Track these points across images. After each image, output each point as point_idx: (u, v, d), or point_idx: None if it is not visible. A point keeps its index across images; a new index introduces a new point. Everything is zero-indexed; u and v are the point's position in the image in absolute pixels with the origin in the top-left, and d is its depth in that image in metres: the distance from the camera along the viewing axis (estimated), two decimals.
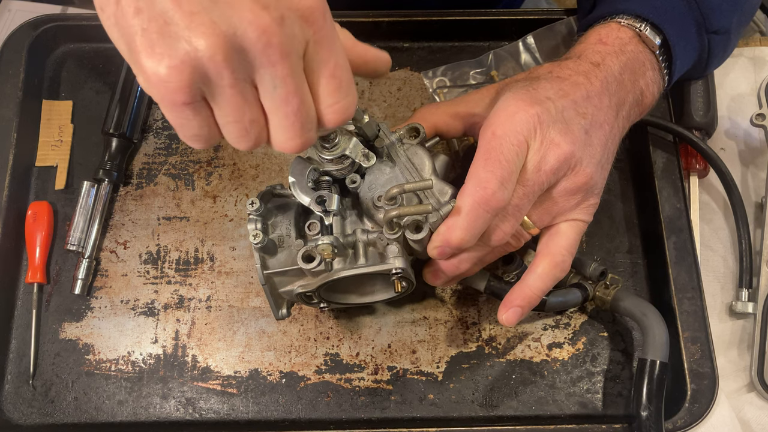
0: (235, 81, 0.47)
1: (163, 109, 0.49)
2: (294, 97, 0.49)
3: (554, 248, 0.69)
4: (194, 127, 0.50)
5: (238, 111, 0.49)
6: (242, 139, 0.51)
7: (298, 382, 0.78)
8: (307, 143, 0.52)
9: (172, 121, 0.50)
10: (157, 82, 0.46)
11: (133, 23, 0.46)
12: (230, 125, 0.50)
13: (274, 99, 0.49)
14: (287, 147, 0.51)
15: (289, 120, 0.50)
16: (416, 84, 0.90)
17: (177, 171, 0.86)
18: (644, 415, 0.70)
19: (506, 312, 0.69)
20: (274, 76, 0.47)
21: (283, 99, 0.48)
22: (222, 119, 0.50)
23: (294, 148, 0.51)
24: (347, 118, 0.53)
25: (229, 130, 0.50)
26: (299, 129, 0.50)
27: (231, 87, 0.47)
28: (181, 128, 0.50)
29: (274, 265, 0.68)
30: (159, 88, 0.46)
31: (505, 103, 0.65)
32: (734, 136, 0.89)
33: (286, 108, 0.49)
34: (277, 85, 0.48)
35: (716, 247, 0.84)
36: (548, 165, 0.64)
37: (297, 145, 0.51)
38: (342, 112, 0.52)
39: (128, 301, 0.81)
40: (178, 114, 0.49)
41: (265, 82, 0.48)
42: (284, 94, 0.48)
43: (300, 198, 0.66)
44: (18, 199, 0.83)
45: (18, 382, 0.78)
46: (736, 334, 0.81)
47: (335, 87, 0.51)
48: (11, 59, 0.87)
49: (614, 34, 0.72)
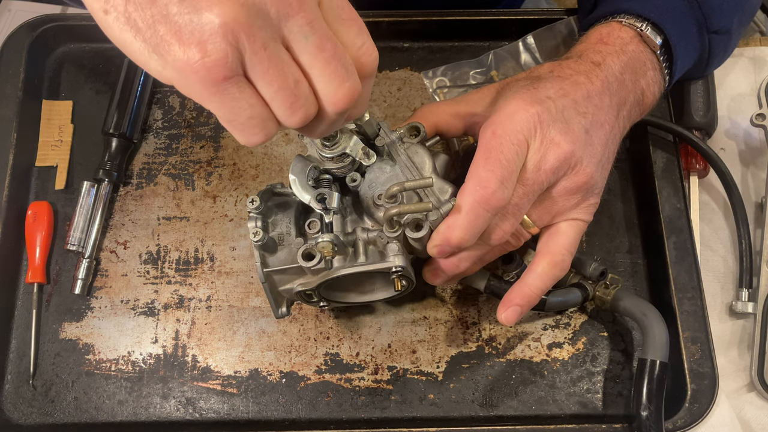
0: (266, 41, 0.45)
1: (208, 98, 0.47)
2: (327, 41, 0.47)
3: (554, 247, 0.69)
4: (246, 108, 0.48)
5: (279, 73, 0.47)
6: (294, 107, 0.48)
7: (298, 382, 0.78)
8: (356, 90, 0.50)
9: (221, 106, 0.48)
10: (193, 64, 0.44)
11: (152, 12, 0.45)
12: (277, 94, 0.48)
13: (309, 49, 0.47)
14: (340, 96, 0.49)
15: (331, 65, 0.48)
16: (416, 84, 0.90)
17: (177, 171, 0.86)
18: (644, 415, 0.70)
19: (505, 311, 0.69)
20: (301, 25, 0.46)
21: (317, 46, 0.47)
22: (267, 90, 0.48)
23: (346, 94, 0.49)
24: (377, 60, 0.52)
25: (278, 101, 0.48)
26: (344, 72, 0.49)
27: (264, 48, 0.45)
28: (233, 114, 0.48)
29: (274, 263, 0.68)
30: (198, 70, 0.45)
31: (505, 103, 0.65)
32: (734, 136, 0.89)
33: (324, 53, 0.48)
34: (307, 33, 0.47)
35: (716, 247, 0.84)
36: (548, 164, 0.64)
37: (348, 90, 0.49)
38: (373, 51, 0.51)
39: (128, 301, 0.81)
40: (223, 96, 0.47)
41: (295, 33, 0.47)
42: (317, 40, 0.47)
43: (300, 196, 0.66)
44: (18, 199, 0.83)
45: (18, 382, 0.78)
46: (736, 334, 0.81)
47: (358, 28, 0.50)
48: (11, 59, 0.87)
49: (615, 33, 0.72)
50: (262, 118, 0.49)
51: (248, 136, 0.50)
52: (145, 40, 0.46)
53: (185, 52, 0.44)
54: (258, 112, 0.48)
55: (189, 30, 0.44)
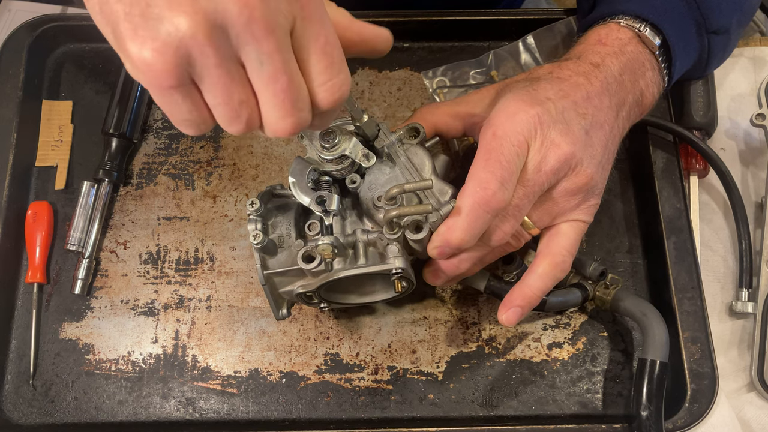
0: (220, 60, 0.46)
1: (153, 95, 0.48)
2: (282, 74, 0.47)
3: (554, 248, 0.69)
4: (184, 112, 0.49)
5: (225, 91, 0.47)
6: (233, 122, 0.49)
7: (298, 382, 0.78)
8: (300, 124, 0.50)
9: (162, 105, 0.49)
10: (143, 66, 0.45)
11: (116, 8, 0.45)
12: (220, 107, 0.49)
13: (261, 77, 0.47)
14: (279, 128, 0.50)
15: (279, 98, 0.48)
16: (416, 84, 0.90)
17: (177, 171, 0.86)
18: (644, 415, 0.70)
19: (506, 312, 0.69)
20: (260, 52, 0.46)
21: (270, 76, 0.47)
22: (211, 101, 0.49)
23: (286, 128, 0.50)
24: (341, 97, 0.51)
25: (219, 112, 0.49)
26: (290, 107, 0.49)
27: (216, 66, 0.46)
28: (171, 113, 0.49)
29: (274, 265, 0.68)
30: (145, 73, 0.46)
31: (505, 104, 0.65)
32: (734, 136, 0.89)
33: (274, 86, 0.48)
34: (264, 61, 0.46)
35: (716, 247, 0.84)
36: (548, 165, 0.64)
37: (289, 125, 0.49)
38: (335, 90, 0.50)
39: (128, 301, 0.81)
40: (167, 98, 0.48)
41: (251, 59, 0.46)
42: (272, 71, 0.47)
43: (300, 198, 0.66)
44: (18, 199, 0.83)
45: (18, 382, 0.78)
46: (736, 334, 0.81)
47: (327, 64, 0.49)
48: (11, 59, 0.87)
49: (614, 34, 0.72)
50: (198, 122, 0.50)
51: (182, 129, 0.51)
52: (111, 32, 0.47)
53: (137, 52, 0.45)
54: (195, 117, 0.49)
55: (145, 34, 0.45)
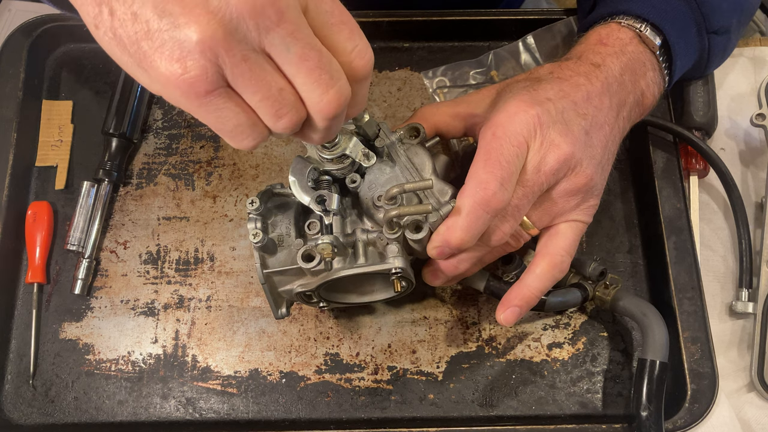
0: (245, 53, 0.46)
1: (195, 110, 0.48)
2: (310, 50, 0.47)
3: (553, 249, 0.69)
4: (231, 117, 0.49)
5: (262, 83, 0.47)
6: (280, 114, 0.49)
7: (298, 382, 0.78)
8: (343, 93, 0.49)
9: (208, 119, 0.49)
10: (176, 79, 0.45)
11: (135, 29, 0.46)
12: (262, 103, 0.48)
13: (291, 60, 0.47)
14: (325, 103, 0.49)
15: (315, 74, 0.48)
16: (416, 84, 0.90)
17: (177, 171, 0.86)
18: (644, 415, 0.70)
19: (504, 312, 0.69)
20: (282, 36, 0.46)
21: (300, 56, 0.47)
22: (252, 100, 0.48)
23: (331, 101, 0.49)
24: (371, 60, 0.51)
25: (263, 109, 0.49)
26: (328, 78, 0.48)
27: (245, 60, 0.46)
28: (220, 123, 0.49)
29: (273, 264, 0.68)
30: (180, 86, 0.46)
31: (505, 104, 0.65)
32: (734, 136, 0.89)
33: (307, 63, 0.47)
34: (289, 44, 0.46)
35: (716, 247, 0.84)
36: (548, 166, 0.64)
37: (333, 96, 0.49)
38: (364, 53, 0.50)
39: (128, 301, 0.81)
40: (208, 108, 0.48)
41: (277, 45, 0.46)
42: (299, 50, 0.47)
43: (300, 197, 0.66)
44: (18, 199, 0.83)
45: (18, 382, 0.78)
46: (736, 334, 0.81)
47: (349, 32, 0.50)
48: (11, 59, 0.87)
49: (614, 34, 0.72)
50: (249, 125, 0.50)
51: (238, 142, 0.51)
52: (131, 55, 0.47)
53: (166, 67, 0.45)
54: (243, 120, 0.49)
55: (169, 47, 0.45)
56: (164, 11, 0.44)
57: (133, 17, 0.45)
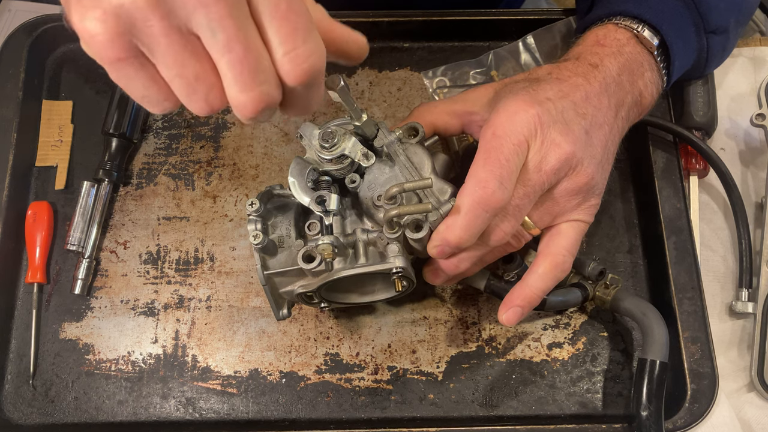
0: (167, 28, 0.43)
1: (107, 71, 0.46)
2: (236, 42, 0.43)
3: (555, 248, 0.69)
4: (140, 87, 0.46)
5: (177, 63, 0.44)
6: (193, 98, 0.46)
7: (298, 382, 0.78)
8: (263, 99, 0.45)
9: (117, 81, 0.46)
10: (88, 38, 0.43)
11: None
12: (175, 81, 0.45)
13: (216, 46, 0.44)
14: (240, 103, 0.45)
15: (236, 69, 0.44)
16: (416, 84, 0.90)
17: (177, 171, 0.86)
18: (644, 415, 0.70)
19: (506, 312, 0.69)
20: (210, 19, 0.43)
21: (224, 44, 0.43)
22: (166, 74, 0.45)
23: (248, 104, 0.45)
24: (308, 70, 0.46)
25: (176, 86, 0.46)
26: (249, 79, 0.44)
27: (164, 35, 0.43)
28: (128, 89, 0.47)
29: (274, 265, 0.68)
30: (91, 44, 0.44)
31: (505, 104, 0.65)
32: (734, 136, 0.89)
33: (230, 55, 0.44)
34: (215, 29, 0.43)
35: (716, 247, 0.84)
36: (549, 165, 0.64)
37: (250, 100, 0.45)
38: (300, 61, 0.45)
39: (128, 301, 0.81)
40: (119, 72, 0.45)
41: (203, 27, 0.43)
42: (225, 39, 0.43)
43: (300, 198, 0.66)
44: (18, 199, 0.83)
45: (18, 382, 0.78)
46: (736, 334, 0.81)
47: (288, 31, 0.45)
48: (11, 59, 0.87)
49: (612, 35, 0.72)
50: (159, 98, 0.47)
51: (148, 108, 0.49)
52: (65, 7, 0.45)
53: (80, 24, 0.43)
54: (153, 92, 0.47)
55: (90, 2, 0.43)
56: None
57: None
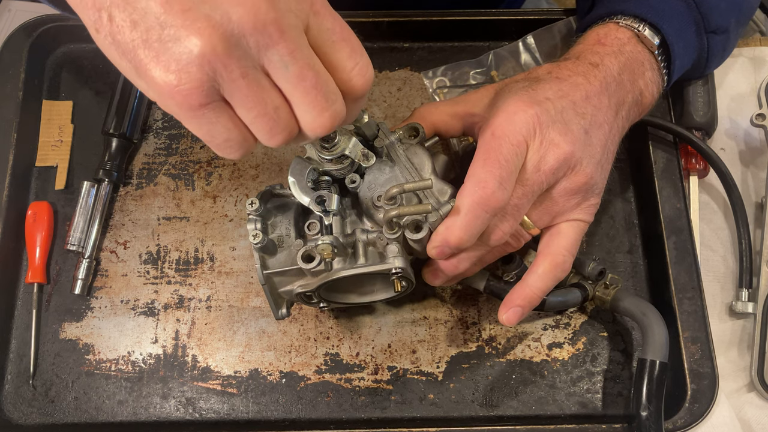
0: (244, 70, 0.46)
1: (186, 121, 0.48)
2: (308, 70, 0.47)
3: (555, 248, 0.69)
4: (222, 132, 0.49)
5: (258, 101, 0.47)
6: (274, 132, 0.49)
7: (298, 382, 0.78)
8: (336, 116, 0.50)
9: (199, 130, 0.49)
10: (170, 90, 0.45)
11: (133, 37, 0.45)
12: (257, 120, 0.49)
13: (289, 78, 0.47)
14: (318, 125, 0.49)
15: (311, 95, 0.48)
16: (416, 84, 0.90)
17: (177, 171, 0.86)
18: (644, 415, 0.70)
19: (507, 312, 0.69)
20: (282, 54, 0.46)
21: (297, 75, 0.47)
22: (246, 116, 0.48)
23: (324, 123, 0.49)
24: (371, 78, 0.51)
25: (257, 126, 0.49)
26: (323, 101, 0.49)
27: (243, 77, 0.46)
28: (210, 136, 0.49)
29: (273, 265, 0.68)
30: (174, 96, 0.46)
31: (504, 104, 0.65)
32: (734, 136, 0.89)
33: (303, 84, 0.48)
34: (287, 62, 0.47)
35: (716, 247, 0.84)
36: (548, 165, 0.64)
37: (327, 120, 0.49)
38: (364, 72, 0.51)
39: (128, 301, 0.81)
40: (200, 120, 0.48)
41: (275, 63, 0.47)
42: (297, 70, 0.47)
43: (300, 198, 0.66)
44: (18, 199, 0.83)
45: (18, 382, 0.78)
46: (736, 334, 0.81)
47: (350, 50, 0.50)
48: (11, 59, 0.87)
49: (612, 34, 0.72)
50: (239, 140, 0.50)
51: (226, 154, 0.51)
52: (129, 61, 0.47)
53: (162, 77, 0.45)
54: (235, 135, 0.49)
55: (167, 58, 0.45)
56: (165, 23, 0.44)
57: (132, 25, 0.45)
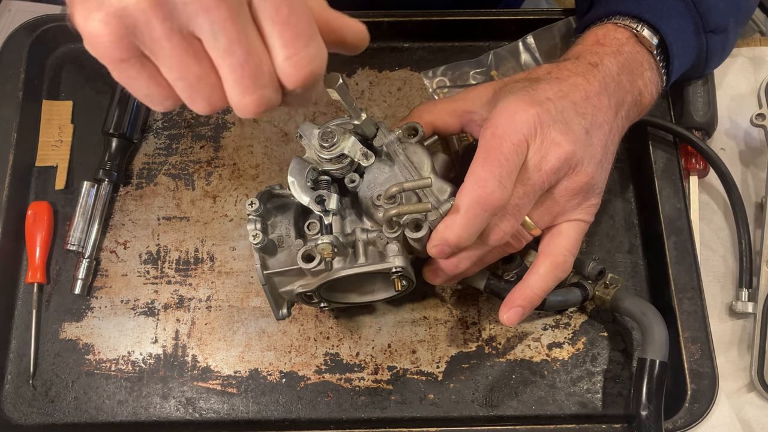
0: (169, 31, 0.44)
1: (110, 71, 0.47)
2: (237, 46, 0.44)
3: (556, 248, 0.69)
4: (143, 87, 0.47)
5: (180, 65, 0.45)
6: (195, 99, 0.47)
7: (298, 382, 0.78)
8: (263, 103, 0.47)
9: (120, 81, 0.47)
10: (91, 39, 0.44)
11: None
12: (177, 82, 0.47)
13: (217, 50, 0.45)
14: (242, 106, 0.47)
15: (237, 73, 0.45)
16: (416, 84, 0.90)
17: (177, 171, 0.86)
18: (644, 415, 0.70)
19: (507, 312, 0.69)
20: (212, 23, 0.43)
21: (226, 48, 0.44)
22: (168, 75, 0.46)
23: (248, 106, 0.47)
24: (309, 75, 0.47)
25: (178, 88, 0.47)
26: (249, 83, 0.46)
27: (166, 38, 0.44)
28: (130, 88, 0.48)
29: (274, 265, 0.68)
30: (94, 45, 0.45)
31: (505, 104, 0.65)
32: (734, 136, 0.89)
33: (231, 59, 0.45)
34: (217, 33, 0.44)
35: (716, 247, 0.84)
36: (549, 164, 0.64)
37: (250, 103, 0.46)
38: (301, 65, 0.46)
39: (128, 301, 0.81)
40: (121, 72, 0.46)
41: (204, 31, 0.44)
42: (226, 44, 0.44)
43: (299, 198, 0.66)
44: (18, 199, 0.83)
45: (18, 382, 0.78)
46: (736, 334, 0.81)
47: (291, 36, 0.45)
48: (11, 59, 0.87)
49: (611, 34, 0.72)
50: (161, 97, 0.48)
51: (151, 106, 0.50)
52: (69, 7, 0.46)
53: (84, 23, 0.44)
54: (155, 91, 0.48)
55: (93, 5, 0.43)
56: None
57: None
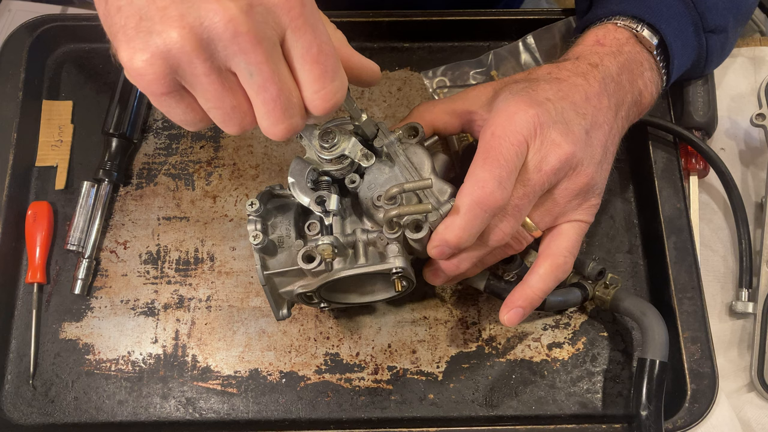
0: (208, 69, 0.48)
1: (150, 99, 0.52)
2: (271, 84, 0.50)
3: (556, 249, 0.69)
4: (179, 114, 0.53)
5: (216, 98, 0.50)
6: (227, 124, 0.52)
7: (298, 382, 0.78)
8: (292, 129, 0.52)
9: (159, 108, 0.52)
10: (135, 75, 0.49)
11: (116, 20, 0.49)
12: (212, 111, 0.52)
13: (252, 86, 0.50)
14: (272, 133, 0.52)
15: (269, 106, 0.51)
16: (416, 84, 0.90)
17: (177, 171, 0.86)
18: (644, 415, 0.70)
19: (508, 312, 0.69)
20: (248, 63, 0.48)
21: (260, 86, 0.50)
22: (204, 105, 0.52)
23: (278, 134, 0.52)
24: (335, 105, 0.53)
25: (213, 115, 0.52)
26: (280, 115, 0.51)
27: (205, 75, 0.49)
28: (168, 114, 0.53)
29: (274, 265, 0.68)
30: (137, 80, 0.49)
31: (505, 104, 0.65)
32: (734, 136, 0.89)
33: (264, 94, 0.50)
34: (253, 72, 0.49)
35: (716, 247, 0.84)
36: (549, 165, 0.64)
37: (280, 131, 0.52)
38: (328, 98, 0.52)
39: (128, 301, 0.81)
40: (161, 103, 0.51)
41: (241, 69, 0.49)
42: (261, 81, 0.49)
43: (299, 198, 0.66)
44: (18, 199, 0.83)
45: (18, 382, 0.78)
46: (736, 334, 0.81)
47: (319, 73, 0.51)
48: (11, 59, 0.87)
49: (611, 35, 0.72)
50: (195, 122, 0.54)
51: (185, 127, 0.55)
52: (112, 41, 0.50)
53: (130, 63, 0.48)
54: (191, 118, 0.53)
55: (138, 46, 0.48)
56: (145, 15, 0.47)
57: (117, 9, 0.49)
